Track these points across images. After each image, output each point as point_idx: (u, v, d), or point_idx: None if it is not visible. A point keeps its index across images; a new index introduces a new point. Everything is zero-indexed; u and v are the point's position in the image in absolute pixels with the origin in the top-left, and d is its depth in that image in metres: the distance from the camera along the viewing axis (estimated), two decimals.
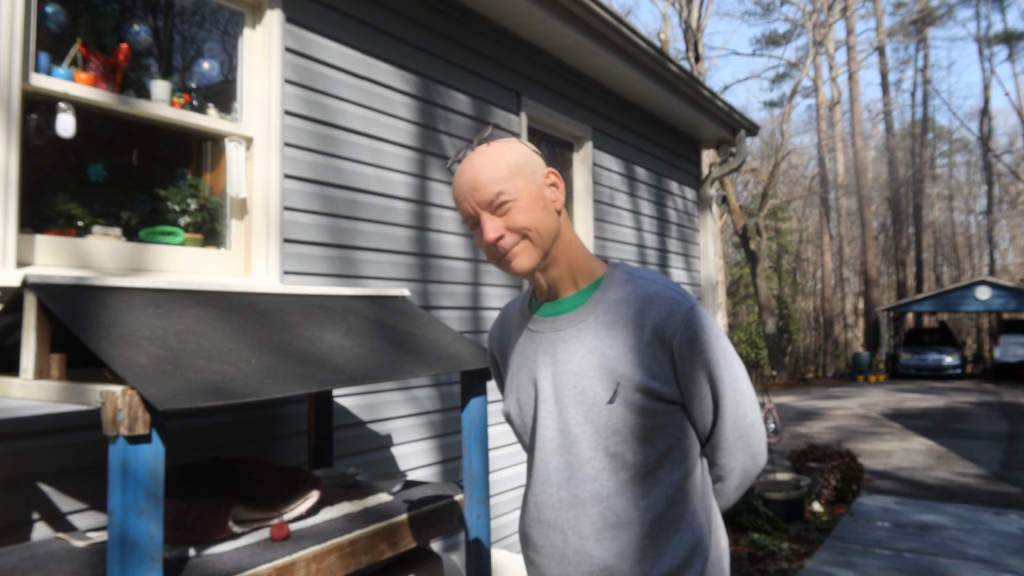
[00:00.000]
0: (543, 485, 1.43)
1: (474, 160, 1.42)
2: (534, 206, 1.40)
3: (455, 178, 1.45)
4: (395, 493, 2.54)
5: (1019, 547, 5.28)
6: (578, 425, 1.39)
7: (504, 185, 1.38)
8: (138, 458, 1.53)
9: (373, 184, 3.52)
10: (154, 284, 2.10)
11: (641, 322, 1.39)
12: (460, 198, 1.43)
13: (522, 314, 1.57)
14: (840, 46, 31.37)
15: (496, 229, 1.38)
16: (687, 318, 1.39)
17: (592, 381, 1.38)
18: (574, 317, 1.46)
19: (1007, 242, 44.52)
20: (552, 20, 4.39)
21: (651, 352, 1.37)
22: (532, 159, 1.45)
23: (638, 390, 1.35)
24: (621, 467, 1.37)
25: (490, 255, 1.44)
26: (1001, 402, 16.81)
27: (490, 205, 1.38)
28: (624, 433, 1.36)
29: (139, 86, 2.69)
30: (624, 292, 1.45)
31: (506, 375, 1.59)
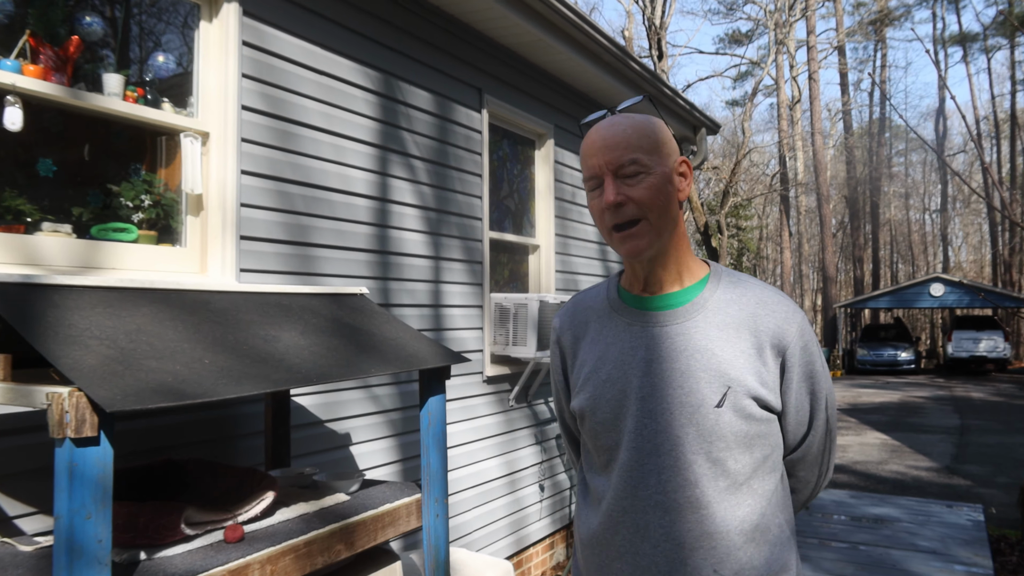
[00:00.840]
0: (634, 488, 1.34)
1: (616, 120, 1.36)
2: (663, 186, 1.33)
3: (589, 134, 1.37)
4: (352, 493, 2.52)
5: (968, 539, 5.43)
6: (681, 427, 1.31)
7: (641, 154, 1.32)
8: (85, 461, 1.50)
9: (333, 181, 3.49)
10: (105, 282, 2.05)
11: (755, 327, 1.35)
12: (589, 154, 1.35)
13: (609, 305, 1.47)
14: (801, 46, 31.85)
15: (619, 194, 1.31)
16: (801, 328, 1.37)
17: (700, 383, 1.31)
18: (681, 314, 1.38)
19: (960, 240, 45.72)
20: (514, 16, 4.39)
21: (762, 359, 1.33)
22: (672, 142, 1.39)
23: (748, 396, 1.30)
24: (721, 474, 1.31)
25: (603, 223, 1.36)
26: (953, 396, 17.26)
27: (620, 168, 1.31)
28: (728, 439, 1.30)
29: (91, 79, 2.63)
30: (735, 294, 1.39)
31: (577, 368, 1.48)
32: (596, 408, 1.40)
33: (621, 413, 1.37)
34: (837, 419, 1.46)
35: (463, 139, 4.47)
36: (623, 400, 1.37)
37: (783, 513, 1.39)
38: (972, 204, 41.05)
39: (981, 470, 8.89)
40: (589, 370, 1.44)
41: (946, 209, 41.97)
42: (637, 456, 1.34)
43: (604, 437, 1.40)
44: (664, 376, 1.34)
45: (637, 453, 1.34)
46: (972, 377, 23.04)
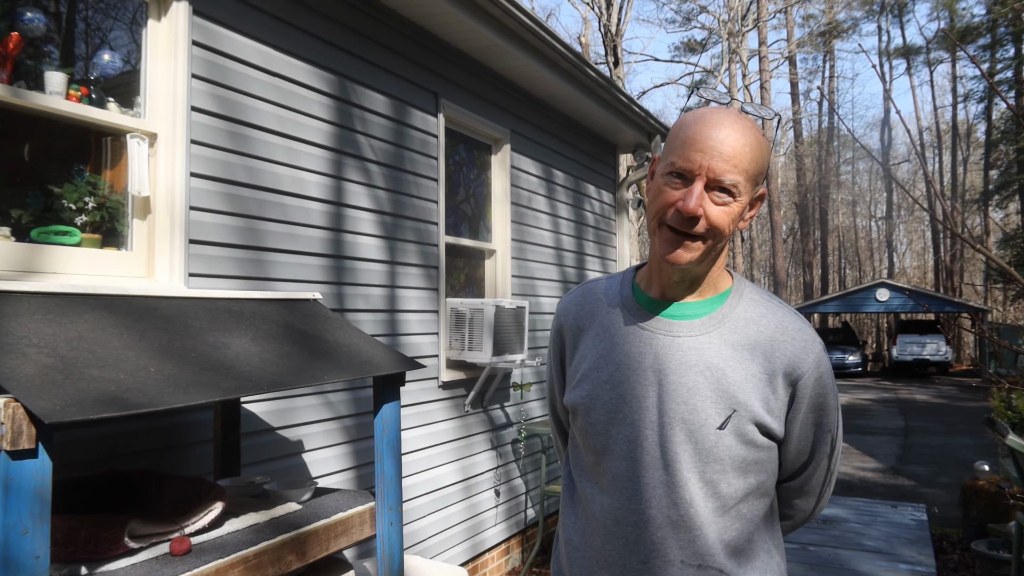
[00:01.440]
0: (628, 500, 1.29)
1: (741, 126, 1.24)
2: (740, 215, 1.27)
3: (703, 119, 1.24)
4: (304, 502, 2.48)
5: (912, 538, 5.57)
6: (679, 444, 1.26)
7: (743, 179, 1.23)
8: (22, 474, 1.44)
9: (286, 184, 3.44)
10: (45, 288, 1.99)
11: (770, 351, 1.29)
12: (696, 144, 1.22)
13: (621, 302, 1.40)
14: (753, 55, 32.48)
15: (699, 207, 1.21)
16: (819, 360, 1.32)
17: (705, 401, 1.26)
18: (697, 327, 1.32)
19: (905, 246, 47.06)
20: (470, 21, 4.38)
21: (773, 385, 1.28)
22: (765, 172, 1.32)
23: (752, 421, 1.26)
24: (712, 495, 1.27)
25: (660, 214, 1.26)
26: (898, 399, 17.74)
27: (717, 181, 1.22)
28: (725, 463, 1.26)
29: (33, 77, 2.55)
30: (755, 313, 1.33)
31: (577, 360, 1.41)
32: (592, 407, 1.34)
33: (617, 419, 1.32)
34: (840, 454, 1.42)
35: (419, 143, 4.44)
36: (621, 406, 1.32)
37: (772, 539, 1.37)
38: (916, 212, 42.31)
39: (924, 470, 9.14)
40: (589, 366, 1.37)
41: (891, 216, 43.17)
42: (633, 467, 1.29)
43: (595, 438, 1.34)
44: (669, 389, 1.28)
45: (633, 464, 1.29)
46: (916, 380, 23.72)
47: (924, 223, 42.68)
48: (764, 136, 1.27)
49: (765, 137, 1.27)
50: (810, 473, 1.38)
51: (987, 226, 30.66)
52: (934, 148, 39.72)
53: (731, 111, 1.26)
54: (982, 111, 30.88)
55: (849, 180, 44.64)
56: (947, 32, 5.21)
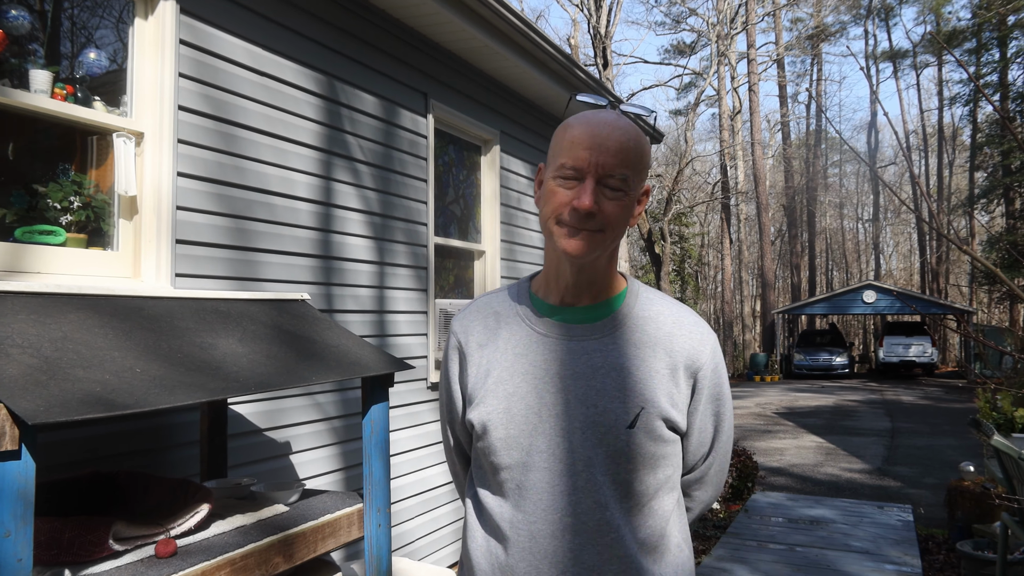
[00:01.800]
0: (544, 511, 1.27)
1: (622, 125, 1.27)
2: (631, 208, 1.29)
3: (587, 120, 1.27)
4: (292, 503, 2.46)
5: (898, 538, 5.60)
6: (592, 448, 1.26)
7: (633, 172, 1.26)
8: (5, 476, 1.43)
9: (274, 184, 3.42)
10: (29, 288, 1.97)
11: (671, 347, 1.32)
12: (583, 143, 1.24)
13: (520, 312, 1.38)
14: (742, 58, 32.62)
15: (594, 202, 1.23)
16: (714, 350, 1.35)
17: (613, 401, 1.27)
18: (598, 329, 1.33)
19: (891, 248, 47.38)
20: (460, 22, 4.37)
21: (675, 380, 1.31)
22: (648, 168, 1.34)
23: (660, 417, 1.27)
24: (626, 495, 1.27)
25: (555, 215, 1.27)
26: (884, 400, 17.85)
27: (609, 177, 1.24)
28: (636, 461, 1.26)
29: (17, 75, 2.52)
30: (652, 312, 1.35)
31: (479, 377, 1.37)
32: (500, 423, 1.30)
33: (527, 430, 1.29)
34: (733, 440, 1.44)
35: (408, 144, 4.43)
36: (530, 416, 1.29)
37: (680, 532, 1.37)
38: (902, 214, 42.61)
39: (910, 471, 9.20)
40: (494, 380, 1.34)
41: (878, 219, 43.46)
42: (547, 477, 1.27)
43: (505, 454, 1.30)
44: (577, 393, 1.28)
45: (547, 474, 1.27)
46: (902, 381, 23.86)
47: (910, 226, 42.99)
48: (643, 135, 1.30)
49: (645, 136, 1.31)
50: (710, 463, 1.42)
51: (972, 229, 30.92)
52: (920, 151, 40.03)
53: (611, 112, 1.29)
54: (967, 114, 31.15)
55: (836, 183, 44.90)
56: (934, 35, 5.30)
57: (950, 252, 34.19)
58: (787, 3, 32.43)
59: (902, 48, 38.26)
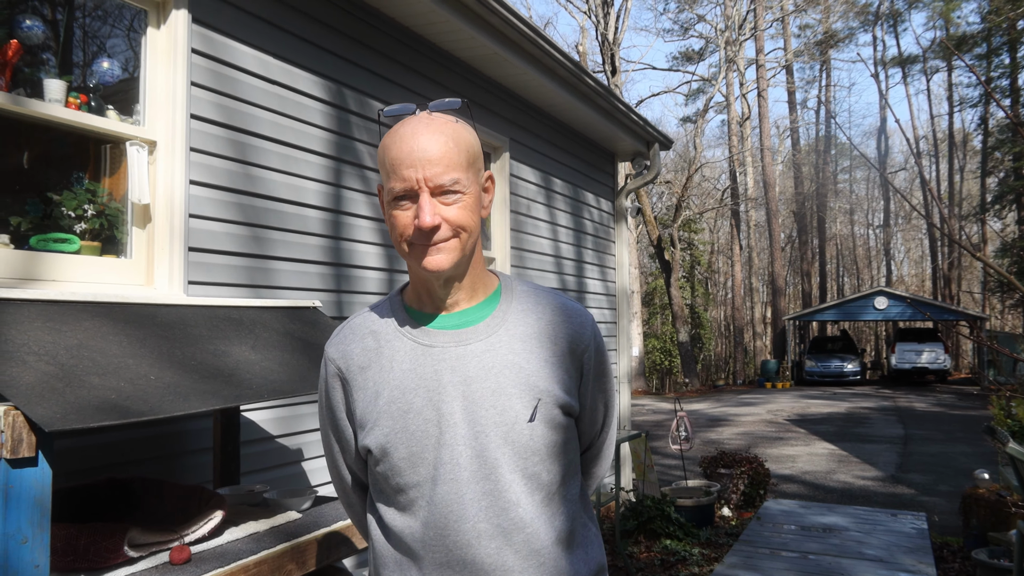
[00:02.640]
0: (456, 521, 1.24)
1: (436, 127, 1.23)
2: (475, 205, 1.27)
3: (401, 135, 1.23)
4: (304, 510, 2.46)
5: (912, 546, 5.55)
6: (497, 448, 1.24)
7: (462, 173, 1.23)
8: (22, 483, 1.43)
9: (286, 192, 3.43)
10: (44, 295, 1.98)
11: (555, 334, 1.33)
12: (403, 162, 1.21)
13: (398, 327, 1.33)
14: (750, 64, 32.61)
15: (435, 216, 1.21)
16: (594, 331, 1.38)
17: (512, 399, 1.26)
18: (483, 329, 1.30)
19: (903, 254, 47.16)
20: (470, 30, 4.39)
21: (564, 365, 1.32)
22: (481, 155, 1.31)
23: (556, 405, 1.28)
24: (536, 488, 1.27)
25: (404, 239, 1.25)
26: (897, 407, 17.73)
27: (440, 188, 1.21)
28: (542, 452, 1.26)
29: (32, 84, 2.55)
30: (530, 303, 1.36)
31: (368, 400, 1.31)
32: (398, 443, 1.26)
33: (430, 444, 1.25)
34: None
35: None
36: (430, 429, 1.25)
37: (586, 512, 1.39)
38: (913, 220, 42.41)
39: (924, 479, 9.12)
40: (386, 401, 1.28)
41: (889, 224, 43.28)
42: (455, 487, 1.24)
43: (408, 473, 1.26)
44: (475, 397, 1.25)
45: (455, 484, 1.24)
46: (915, 388, 23.70)
47: (922, 231, 42.78)
48: (461, 124, 1.27)
49: (463, 124, 1.28)
50: (603, 438, 1.46)
51: (984, 235, 30.74)
52: (931, 157, 39.85)
53: (421, 117, 1.26)
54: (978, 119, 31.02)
55: (847, 188, 44.76)
56: (944, 41, 5.22)
57: (962, 258, 34.00)
58: (795, 9, 32.41)
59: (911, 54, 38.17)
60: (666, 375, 27.00)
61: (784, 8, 32.07)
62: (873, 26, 38.07)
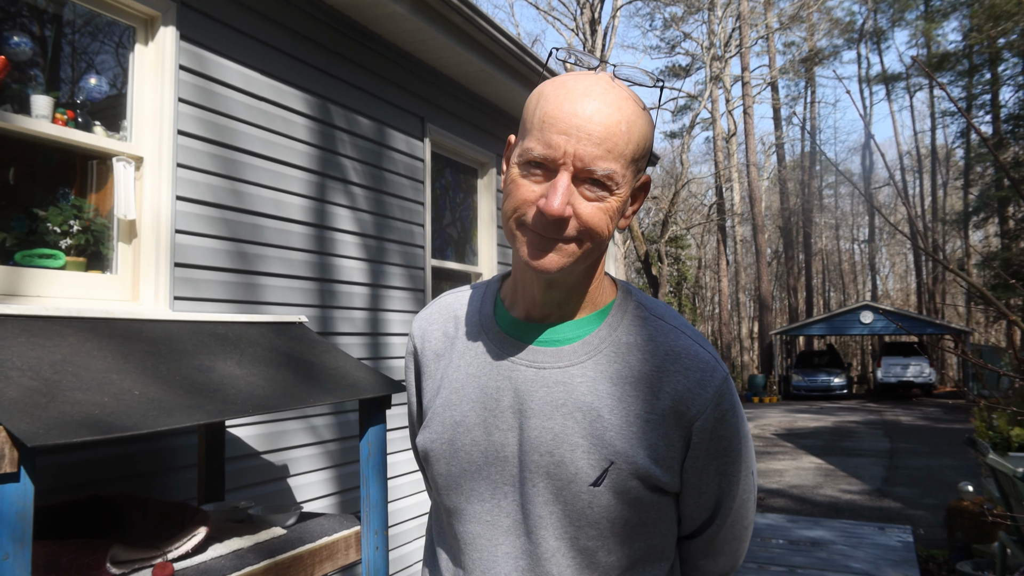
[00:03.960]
0: (483, 572, 1.05)
1: (613, 97, 0.96)
2: (620, 211, 1.00)
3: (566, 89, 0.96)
4: (289, 526, 2.46)
5: (898, 559, 5.58)
6: (544, 504, 1.01)
7: (621, 165, 0.96)
8: (3, 498, 1.43)
9: (271, 207, 3.44)
10: (28, 310, 1.98)
11: (658, 386, 1.02)
12: (557, 124, 0.94)
13: (481, 322, 1.13)
14: (736, 81, 32.93)
15: (566, 205, 0.94)
16: (719, 394, 1.03)
17: (576, 451, 1.00)
18: (567, 355, 1.04)
19: (887, 269, 47.54)
20: (457, 47, 4.43)
21: (662, 429, 1.01)
22: (649, 155, 1.03)
23: (636, 476, 0.99)
24: (588, 566, 1.02)
25: (517, 215, 0.99)
26: (883, 420, 17.82)
27: (588, 174, 0.94)
28: (603, 527, 1.00)
29: (19, 100, 2.55)
30: (641, 336, 1.05)
31: (431, 393, 1.15)
32: (441, 455, 1.09)
33: (471, 471, 1.06)
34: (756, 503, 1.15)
35: (405, 167, 4.47)
36: (474, 455, 1.06)
37: None
38: (898, 235, 42.81)
39: (910, 492, 9.17)
40: (442, 402, 1.11)
41: (873, 239, 43.66)
42: (490, 532, 1.05)
43: (445, 495, 1.09)
44: (531, 436, 1.02)
45: (491, 529, 1.05)
46: (900, 402, 23.84)
47: (906, 246, 43.16)
48: (644, 109, 1.01)
49: (646, 110, 1.01)
50: (715, 531, 1.11)
51: (967, 248, 31.06)
52: (915, 172, 40.30)
53: (601, 77, 0.99)
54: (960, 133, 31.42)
55: (832, 204, 45.16)
56: (922, 64, 5.29)
57: (946, 273, 34.30)
58: (780, 27, 32.80)
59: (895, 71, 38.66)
60: None
61: (769, 26, 32.46)
62: (857, 44, 38.58)
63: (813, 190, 39.54)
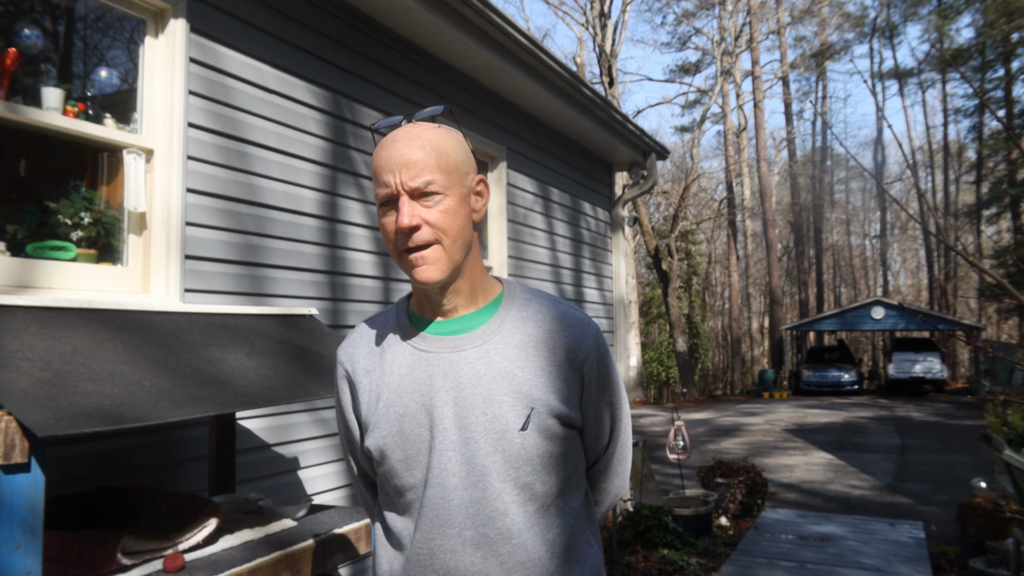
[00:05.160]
0: (441, 527, 1.25)
1: (414, 133, 1.27)
2: (459, 209, 1.27)
3: (384, 144, 1.28)
4: (299, 519, 2.46)
5: (909, 555, 5.55)
6: (487, 456, 1.25)
7: (438, 175, 1.24)
8: (14, 489, 1.43)
9: (282, 200, 3.44)
10: (40, 302, 1.98)
11: (553, 343, 1.31)
12: (384, 168, 1.26)
13: (400, 332, 1.37)
14: (747, 76, 32.76)
15: (414, 216, 1.23)
16: (596, 341, 1.34)
17: (503, 407, 1.26)
18: (479, 336, 1.31)
19: (899, 264, 47.26)
20: (467, 40, 4.41)
21: (562, 375, 1.30)
22: (470, 159, 1.33)
23: (552, 415, 1.26)
24: (529, 499, 1.26)
25: (396, 246, 1.28)
26: (894, 416, 17.72)
27: (416, 190, 1.24)
28: (535, 462, 1.25)
29: (30, 93, 2.55)
30: (530, 311, 1.35)
31: (370, 403, 1.35)
32: (395, 445, 1.29)
33: (422, 448, 1.28)
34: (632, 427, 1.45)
35: None
36: (423, 433, 1.28)
37: (590, 527, 1.38)
38: (909, 231, 42.52)
39: (921, 488, 9.11)
40: (384, 404, 1.32)
41: (885, 235, 43.37)
42: (443, 492, 1.26)
43: (405, 476, 1.30)
44: (467, 404, 1.27)
45: (443, 489, 1.26)
46: (911, 397, 23.70)
47: (918, 242, 42.87)
48: (444, 129, 1.29)
49: (445, 129, 1.30)
50: (611, 452, 1.42)
51: (981, 245, 30.83)
52: (927, 168, 40.01)
53: (404, 127, 1.30)
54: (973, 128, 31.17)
55: (843, 199, 44.89)
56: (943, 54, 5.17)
57: (958, 268, 34.07)
58: (791, 21, 32.59)
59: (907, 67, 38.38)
60: (664, 385, 26.96)
61: (780, 20, 32.27)
62: (869, 38, 38.29)
63: (824, 185, 39.32)
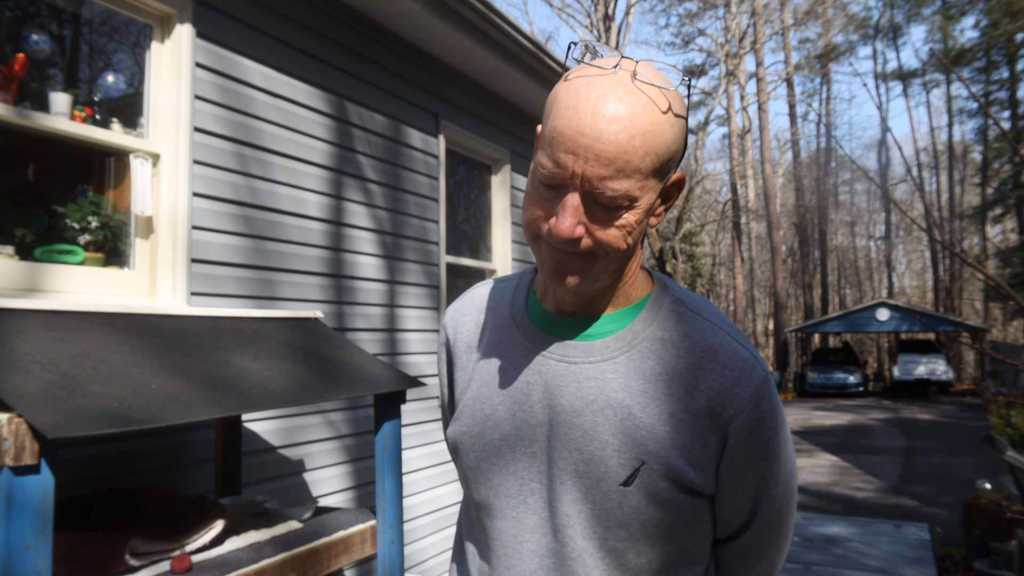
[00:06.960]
0: (508, 569, 1.02)
1: (627, 108, 0.87)
2: (643, 219, 0.93)
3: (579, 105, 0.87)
4: (305, 520, 2.47)
5: (915, 557, 5.54)
6: (572, 503, 0.98)
7: (636, 182, 0.88)
8: (25, 490, 1.45)
9: (287, 204, 3.46)
10: (48, 306, 2.00)
11: (693, 384, 0.97)
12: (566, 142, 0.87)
13: (512, 314, 1.09)
14: (751, 78, 32.76)
15: (578, 227, 0.90)
16: (758, 394, 0.98)
17: (607, 449, 0.96)
18: (599, 349, 1.00)
19: (904, 266, 47.17)
20: (471, 44, 4.43)
21: (697, 429, 0.96)
22: (681, 149, 0.95)
23: (667, 477, 0.95)
24: (616, 568, 0.98)
25: (535, 232, 0.95)
26: (899, 418, 17.69)
27: (599, 193, 0.88)
28: (633, 528, 0.96)
29: (38, 98, 2.58)
30: (676, 331, 1.00)
31: (462, 383, 1.12)
32: (471, 448, 1.06)
33: (498, 466, 1.03)
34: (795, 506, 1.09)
35: (420, 164, 4.48)
36: (504, 450, 1.03)
37: None
38: (914, 232, 42.46)
39: (927, 490, 9.10)
40: (472, 395, 1.08)
41: (890, 237, 43.31)
42: (514, 530, 1.02)
43: (473, 488, 1.07)
44: (561, 433, 0.98)
45: (514, 526, 1.02)
46: (917, 399, 23.66)
47: (923, 243, 42.81)
48: (667, 112, 0.90)
49: (669, 113, 0.90)
50: (751, 535, 1.05)
51: (985, 246, 30.75)
52: (931, 169, 39.93)
53: (617, 82, 0.89)
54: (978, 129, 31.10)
55: (847, 201, 44.84)
56: (941, 59, 5.18)
57: (963, 270, 33.99)
58: (795, 23, 32.59)
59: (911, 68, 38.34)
60: None
61: (784, 22, 32.27)
62: (873, 39, 38.25)
63: (828, 187, 39.28)
